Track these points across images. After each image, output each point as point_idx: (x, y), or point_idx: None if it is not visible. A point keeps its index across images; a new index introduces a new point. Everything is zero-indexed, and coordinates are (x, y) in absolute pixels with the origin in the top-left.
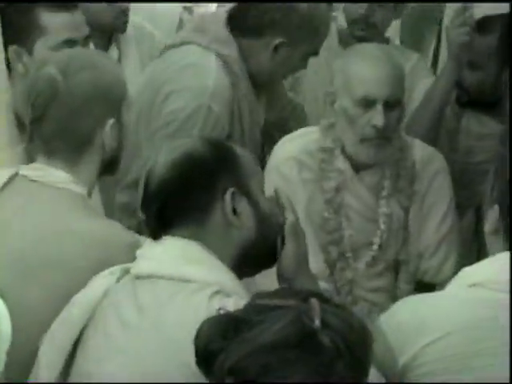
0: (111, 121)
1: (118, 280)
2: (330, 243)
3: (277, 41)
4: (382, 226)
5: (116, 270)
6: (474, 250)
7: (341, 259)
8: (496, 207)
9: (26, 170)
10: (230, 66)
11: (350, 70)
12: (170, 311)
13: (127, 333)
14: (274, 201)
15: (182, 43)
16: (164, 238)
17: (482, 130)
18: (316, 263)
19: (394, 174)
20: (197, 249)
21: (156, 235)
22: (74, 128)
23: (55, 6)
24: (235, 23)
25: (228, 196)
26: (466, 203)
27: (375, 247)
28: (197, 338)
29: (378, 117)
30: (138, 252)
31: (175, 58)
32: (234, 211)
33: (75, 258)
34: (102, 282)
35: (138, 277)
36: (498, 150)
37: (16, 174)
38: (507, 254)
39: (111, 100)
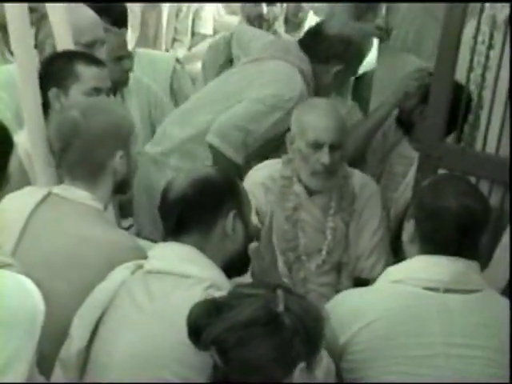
0: (120, 152)
1: (132, 273)
2: (288, 249)
3: (337, 68)
4: (329, 237)
5: (130, 265)
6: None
7: (297, 262)
8: (412, 221)
9: (57, 190)
10: (306, 80)
11: (304, 119)
12: (173, 300)
13: (139, 315)
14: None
15: (272, 57)
16: (170, 243)
17: (403, 151)
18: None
19: (338, 197)
20: (196, 253)
21: (168, 236)
22: (91, 158)
23: (89, 60)
24: (306, 50)
25: (231, 216)
26: None
27: (324, 253)
28: (189, 316)
29: (324, 156)
30: (150, 253)
31: (271, 66)
32: (233, 228)
33: (92, 259)
34: (119, 274)
35: (149, 272)
36: (415, 176)
37: (50, 193)
38: (421, 257)
39: (120, 136)
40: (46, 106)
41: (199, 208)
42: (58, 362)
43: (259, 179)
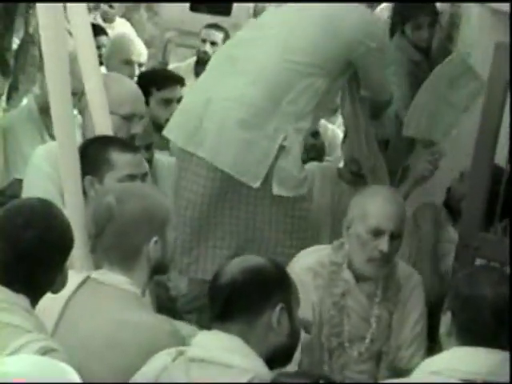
0: (155, 238)
1: (174, 360)
2: (332, 335)
3: None
4: (374, 325)
5: (172, 351)
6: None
7: (339, 348)
8: (448, 314)
9: (95, 274)
10: None
11: (366, 205)
12: None
13: None
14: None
15: None
16: (214, 331)
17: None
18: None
19: (384, 286)
20: (240, 342)
21: (213, 321)
22: (125, 243)
23: (123, 147)
24: None
25: (278, 309)
26: None
27: (367, 341)
28: None
29: (384, 244)
30: (194, 340)
31: None
32: (278, 321)
33: (129, 343)
34: (160, 360)
35: (191, 360)
36: (452, 266)
37: (88, 277)
38: (459, 348)
39: (155, 222)
40: None
41: (247, 296)
42: None
43: (307, 264)
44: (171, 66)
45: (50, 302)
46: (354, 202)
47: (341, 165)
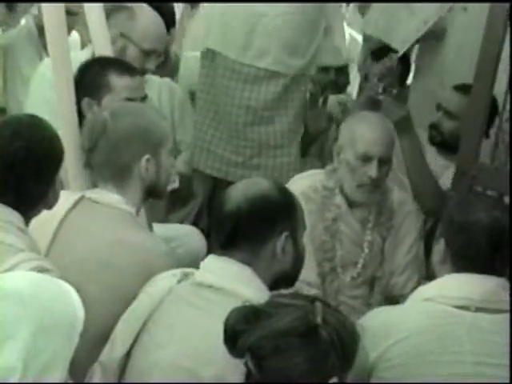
0: (147, 156)
1: (179, 282)
2: (324, 260)
3: None
4: (366, 250)
5: (176, 272)
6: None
7: (331, 273)
8: (442, 241)
9: (90, 194)
10: None
11: (354, 131)
12: (222, 316)
13: (186, 326)
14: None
15: None
16: (224, 258)
17: (436, 163)
18: (312, 274)
19: (377, 211)
20: (249, 273)
21: (219, 248)
22: (116, 158)
23: (122, 69)
24: None
25: (283, 238)
26: None
27: (359, 265)
28: (226, 321)
29: (373, 170)
30: (203, 263)
31: None
32: (283, 249)
33: (124, 263)
34: (166, 281)
35: (200, 284)
36: (447, 194)
37: (83, 197)
38: (452, 275)
39: (148, 141)
40: (79, 115)
41: (252, 225)
42: (97, 365)
43: (300, 189)
44: None
45: (44, 222)
46: (343, 128)
47: None
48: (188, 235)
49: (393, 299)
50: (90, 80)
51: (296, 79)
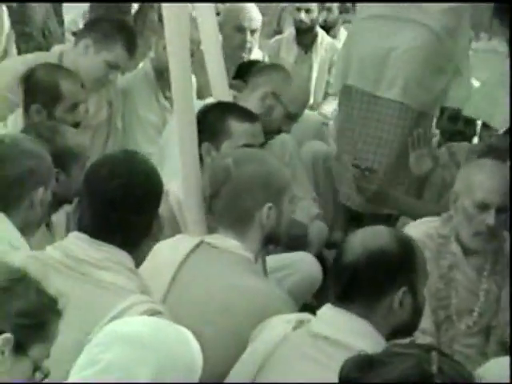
0: (269, 204)
1: (294, 329)
2: (439, 308)
3: None
4: (482, 298)
5: (291, 319)
6: None
7: (446, 321)
8: None
9: (209, 239)
10: None
11: (472, 178)
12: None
13: (299, 377)
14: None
15: None
16: (340, 309)
17: None
18: (427, 322)
19: (493, 260)
20: (366, 326)
21: (336, 298)
22: (239, 205)
23: (243, 116)
24: None
25: (400, 293)
26: None
27: (475, 314)
28: (341, 369)
29: (490, 218)
30: (319, 312)
31: None
32: (400, 303)
33: (241, 308)
34: (280, 327)
35: (315, 335)
36: None
37: (202, 241)
38: None
39: (271, 189)
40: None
41: (369, 280)
42: None
43: (416, 235)
44: (274, 38)
45: (162, 265)
46: (460, 175)
47: None
48: (302, 261)
49: (508, 349)
50: (209, 125)
51: (422, 117)
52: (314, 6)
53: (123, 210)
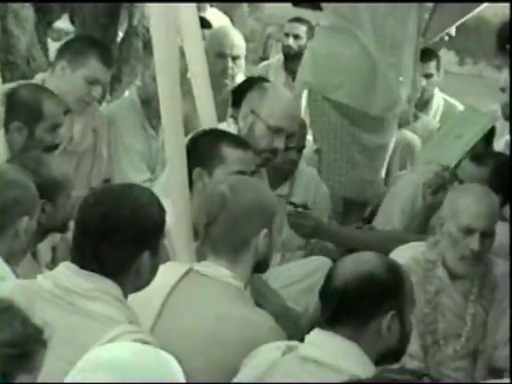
0: (264, 231)
1: (283, 354)
2: (426, 332)
3: None
4: (469, 323)
5: (280, 345)
6: None
7: (434, 345)
8: None
9: (198, 267)
10: None
11: (457, 203)
12: None
13: None
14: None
15: None
16: (329, 332)
17: None
18: (414, 347)
19: (480, 284)
20: (354, 349)
21: (324, 321)
22: (236, 233)
23: (236, 143)
24: None
25: (388, 317)
26: None
27: (462, 339)
28: None
29: (475, 243)
30: (308, 337)
31: None
32: (388, 328)
33: (230, 337)
34: (270, 353)
35: (305, 358)
36: None
37: (191, 269)
38: None
39: (266, 215)
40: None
41: (358, 304)
42: None
43: (402, 262)
44: (262, 64)
45: (151, 293)
46: (447, 199)
47: None
48: (320, 270)
49: (497, 372)
50: (202, 150)
51: None
52: (302, 32)
53: (96, 239)
